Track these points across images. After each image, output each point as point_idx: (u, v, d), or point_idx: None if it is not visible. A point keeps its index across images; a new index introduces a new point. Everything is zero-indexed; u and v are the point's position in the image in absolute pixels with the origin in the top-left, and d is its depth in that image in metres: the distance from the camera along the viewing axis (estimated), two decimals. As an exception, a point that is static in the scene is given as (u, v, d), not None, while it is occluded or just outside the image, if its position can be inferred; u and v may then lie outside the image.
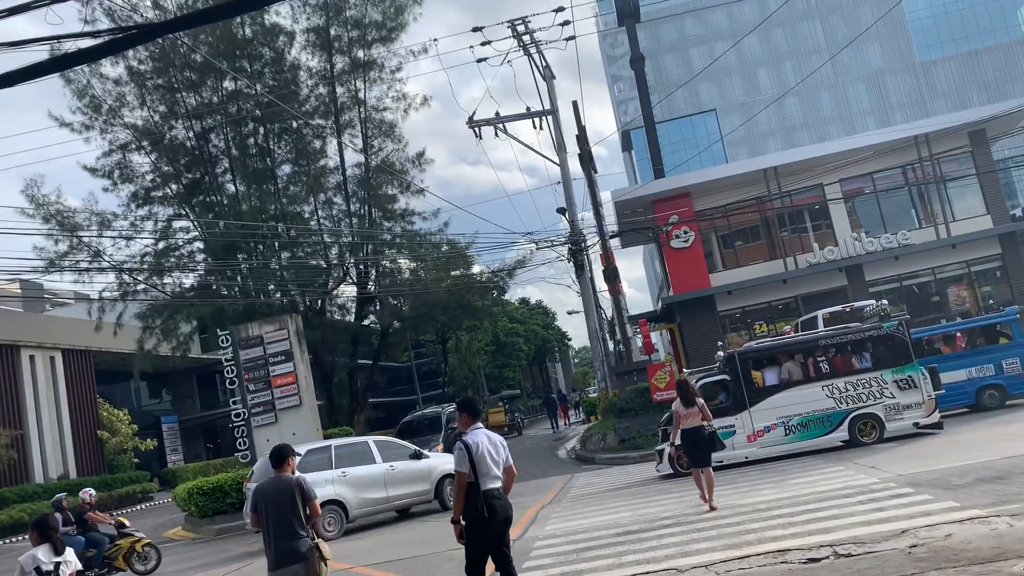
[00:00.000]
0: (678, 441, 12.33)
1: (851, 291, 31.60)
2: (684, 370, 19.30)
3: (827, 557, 7.59)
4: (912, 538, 7.74)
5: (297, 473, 7.39)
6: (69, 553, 6.67)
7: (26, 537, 19.72)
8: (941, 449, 13.54)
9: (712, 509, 11.09)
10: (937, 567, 6.61)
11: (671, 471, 15.72)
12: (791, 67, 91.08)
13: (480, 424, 7.19)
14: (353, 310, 31.48)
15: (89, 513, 14.96)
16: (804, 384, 15.76)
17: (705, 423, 11.80)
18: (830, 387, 15.55)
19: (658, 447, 16.56)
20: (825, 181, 32.54)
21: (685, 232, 32.81)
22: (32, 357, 36.29)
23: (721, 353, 17.04)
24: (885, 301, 18.36)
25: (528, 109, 25.64)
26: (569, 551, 10.05)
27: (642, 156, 74.51)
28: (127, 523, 13.87)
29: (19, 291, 42.36)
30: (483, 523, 6.78)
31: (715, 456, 13.09)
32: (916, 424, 15.40)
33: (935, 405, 15.55)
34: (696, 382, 15.61)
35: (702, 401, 12.17)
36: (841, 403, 15.49)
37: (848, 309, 26.06)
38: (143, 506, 35.75)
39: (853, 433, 15.42)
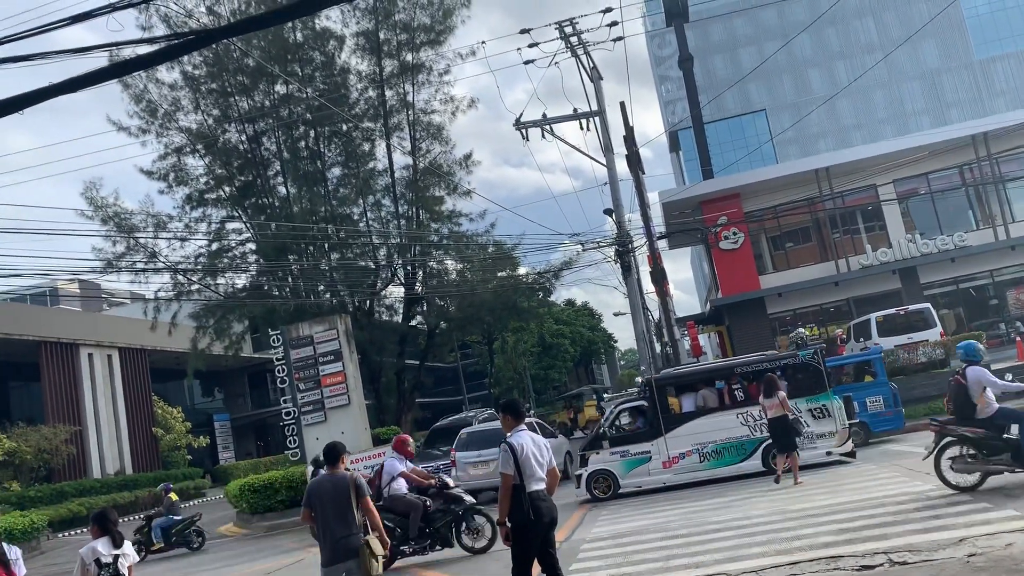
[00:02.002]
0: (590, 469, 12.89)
1: (905, 294, 30.96)
2: (605, 394, 19.81)
3: (881, 564, 7.44)
4: (970, 547, 7.55)
5: (351, 471, 7.49)
6: (127, 546, 6.83)
7: (85, 530, 20.30)
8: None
9: (798, 483, 13.09)
10: (997, 577, 6.44)
11: (588, 496, 15.85)
12: (843, 66, 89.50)
13: (523, 426, 7.17)
14: (401, 311, 31.71)
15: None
16: (719, 411, 15.73)
17: (788, 413, 13.52)
18: (745, 415, 15.42)
19: (576, 472, 16.64)
20: (878, 182, 31.94)
21: (734, 233, 32.45)
22: (90, 355, 37.29)
23: (639, 380, 16.95)
24: (802, 329, 18.35)
25: (575, 110, 25.56)
26: (616, 554, 10.01)
27: (690, 157, 73.86)
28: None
29: (78, 291, 43.60)
30: (529, 525, 6.78)
31: (632, 482, 15.44)
32: (828, 453, 15.29)
33: (849, 434, 15.39)
34: (615, 408, 16.33)
35: (783, 394, 13.76)
36: (755, 431, 15.30)
37: (903, 312, 25.57)
38: (196, 502, 36.48)
39: (766, 461, 15.23)
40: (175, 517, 19.34)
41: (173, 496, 20.14)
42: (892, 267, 31.41)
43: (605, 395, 18.90)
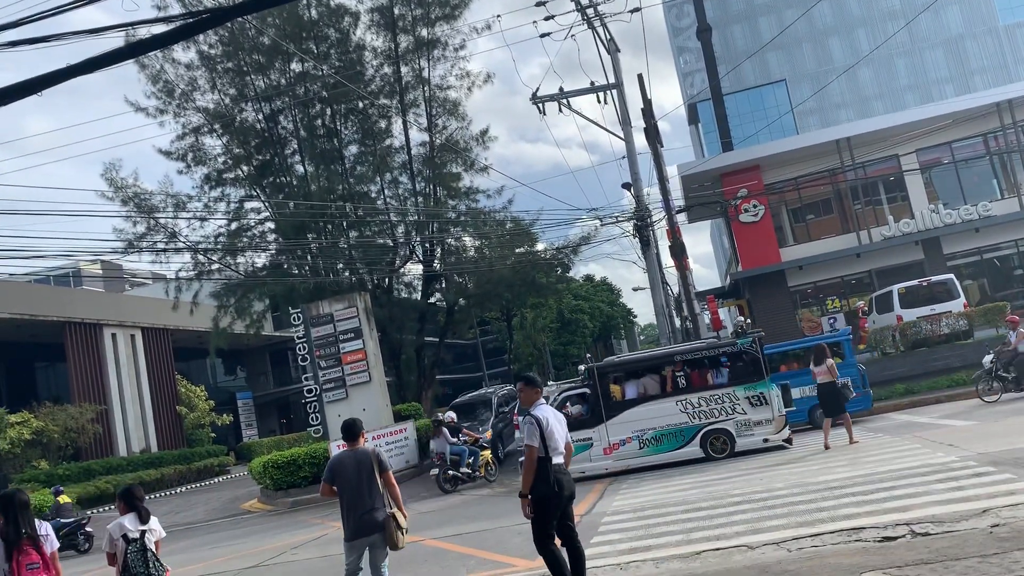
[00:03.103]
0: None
1: (928, 265, 30.63)
2: (550, 382, 20.27)
3: (904, 536, 7.42)
4: (994, 518, 7.51)
5: (372, 445, 7.56)
6: (154, 522, 6.94)
7: (113, 507, 20.62)
8: (1024, 427, 13.07)
9: (855, 441, 14.26)
10: (1021, 547, 6.39)
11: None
12: (865, 34, 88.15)
13: (543, 399, 7.21)
14: (419, 288, 31.78)
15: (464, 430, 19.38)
16: (659, 399, 15.93)
17: (833, 379, 14.57)
18: (684, 402, 15.73)
19: (521, 458, 16.71)
20: (901, 151, 31.49)
21: (754, 206, 32.18)
22: (114, 335, 37.72)
23: (583, 367, 17.17)
24: (741, 318, 18.41)
25: (592, 84, 25.35)
26: (637, 527, 10.05)
27: (709, 129, 73.18)
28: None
29: (100, 272, 44.03)
30: (552, 497, 6.81)
31: (573, 468, 14.15)
32: (765, 440, 15.45)
33: (785, 422, 15.60)
34: (560, 394, 16.67)
35: (831, 361, 14.79)
36: (694, 418, 15.65)
37: (925, 283, 25.33)
38: (220, 479, 36.99)
39: (705, 447, 15.54)
40: (63, 520, 19.20)
41: (63, 499, 20.32)
42: (915, 238, 31.04)
43: (550, 382, 19.20)
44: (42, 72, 7.20)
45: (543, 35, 25.41)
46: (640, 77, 26.68)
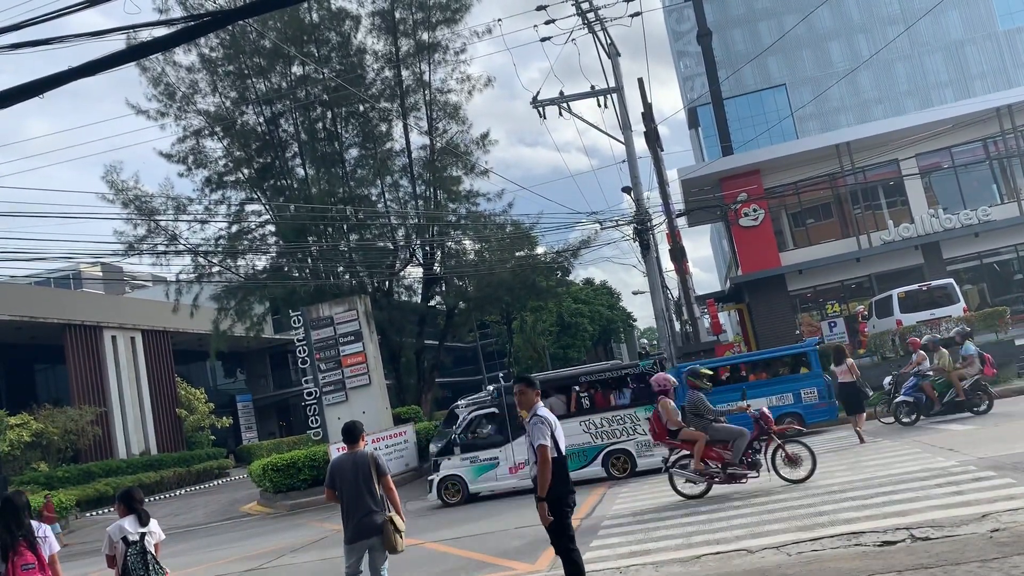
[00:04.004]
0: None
1: (927, 270, 30.65)
2: (459, 402, 20.36)
3: (903, 540, 7.42)
4: (994, 522, 7.50)
5: (371, 448, 7.56)
6: (153, 524, 6.94)
7: (112, 509, 20.61)
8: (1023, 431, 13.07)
9: (861, 442, 14.55)
10: (1020, 552, 6.40)
11: (440, 501, 16.48)
12: (865, 39, 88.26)
13: (541, 401, 7.11)
14: (420, 291, 31.81)
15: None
16: (564, 419, 15.83)
17: (855, 379, 15.13)
18: (587, 422, 15.94)
19: (429, 477, 17.06)
20: (900, 156, 31.52)
21: (754, 210, 32.19)
22: (114, 337, 37.72)
23: (491, 387, 17.41)
24: (644, 340, 18.47)
25: (592, 88, 25.37)
26: (637, 530, 10.05)
27: (709, 133, 73.27)
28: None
29: (101, 274, 44.05)
30: (569, 495, 6.64)
31: (480, 487, 16.28)
32: (664, 460, 15.08)
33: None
34: (468, 414, 16.86)
35: (851, 361, 15.53)
36: (597, 438, 15.88)
37: (925, 288, 25.33)
38: (219, 481, 36.98)
39: (607, 467, 15.78)
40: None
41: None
42: (914, 242, 31.05)
43: (461, 401, 19.59)
44: (44, 75, 7.22)
45: (543, 39, 25.45)
46: (640, 81, 26.73)
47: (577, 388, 16.45)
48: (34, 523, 6.60)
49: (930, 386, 16.47)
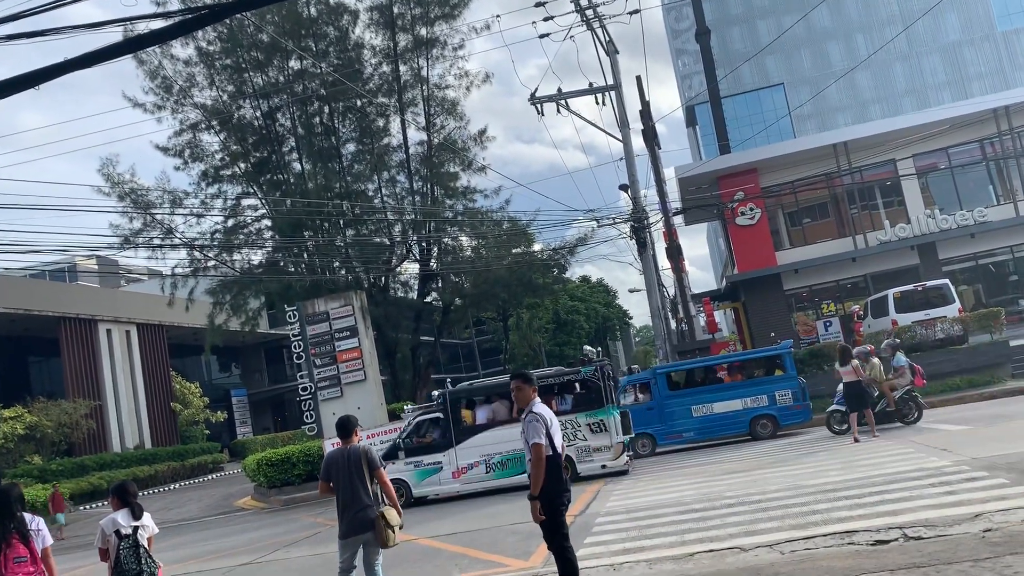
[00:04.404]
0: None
1: (923, 270, 30.71)
2: (406, 406, 20.58)
3: (896, 539, 7.43)
4: (986, 522, 7.52)
5: (364, 443, 7.55)
6: (147, 518, 6.92)
7: (106, 503, 20.59)
8: (1019, 433, 13.10)
9: (875, 436, 15.04)
10: (1013, 552, 6.41)
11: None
12: (863, 39, 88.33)
13: (538, 397, 7.03)
14: (416, 287, 31.76)
15: None
16: (507, 424, 16.23)
17: (859, 378, 15.39)
18: None
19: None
20: (897, 156, 31.57)
21: (751, 209, 32.23)
22: (109, 331, 37.65)
23: (435, 393, 17.66)
24: (588, 347, 18.84)
25: (591, 85, 25.39)
26: (631, 527, 10.05)
27: (707, 132, 73.27)
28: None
29: (96, 267, 43.97)
30: (564, 494, 6.57)
31: (424, 491, 16.61)
32: (603, 466, 15.96)
33: (623, 449, 16.10)
34: (413, 419, 17.22)
35: (856, 362, 15.60)
36: None
37: (921, 288, 25.39)
38: (214, 476, 36.95)
39: None
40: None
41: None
42: (910, 243, 31.11)
43: (407, 406, 19.88)
44: (40, 66, 7.19)
45: (542, 36, 25.45)
46: (638, 79, 26.75)
47: None
48: (27, 516, 6.59)
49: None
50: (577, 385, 16.60)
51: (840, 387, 16.50)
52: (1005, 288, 32.20)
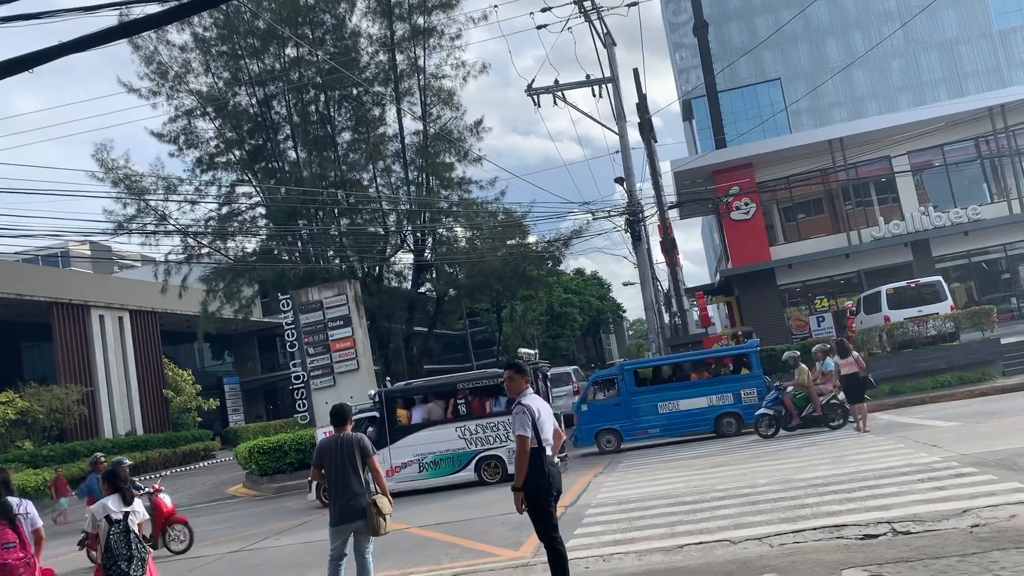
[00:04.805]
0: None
1: (917, 267, 30.81)
2: (348, 401, 20.80)
3: (885, 534, 7.48)
4: (974, 518, 7.57)
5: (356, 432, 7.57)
6: (137, 504, 6.92)
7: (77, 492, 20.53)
8: (1008, 430, 13.16)
9: (866, 431, 15.18)
10: (1000, 547, 6.46)
11: (319, 503, 16.58)
12: (860, 35, 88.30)
13: (530, 388, 7.00)
14: (410, 277, 31.72)
15: None
16: (440, 425, 16.67)
17: (859, 370, 15.59)
18: (463, 429, 16.50)
19: (308, 478, 17.29)
20: (893, 153, 31.65)
21: (746, 204, 32.27)
22: (101, 317, 37.52)
23: (372, 391, 17.90)
24: (528, 350, 18.99)
25: (588, 77, 25.33)
26: (621, 519, 10.09)
27: (703, 126, 73.26)
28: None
29: (89, 253, 43.81)
30: (547, 488, 6.54)
31: None
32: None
33: (558, 447, 15.98)
34: (352, 416, 16.62)
35: (856, 354, 15.95)
36: (471, 444, 16.47)
37: (913, 285, 25.47)
38: (205, 463, 36.93)
39: (479, 473, 16.38)
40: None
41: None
42: (904, 239, 31.19)
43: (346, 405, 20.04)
44: (34, 49, 7.15)
45: (539, 27, 25.39)
46: (636, 72, 26.71)
47: (455, 395, 16.94)
48: (14, 500, 6.58)
49: (790, 400, 16.86)
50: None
51: (771, 391, 17.02)
52: (998, 286, 32.33)
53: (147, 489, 13.99)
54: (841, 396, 16.36)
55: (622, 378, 19.32)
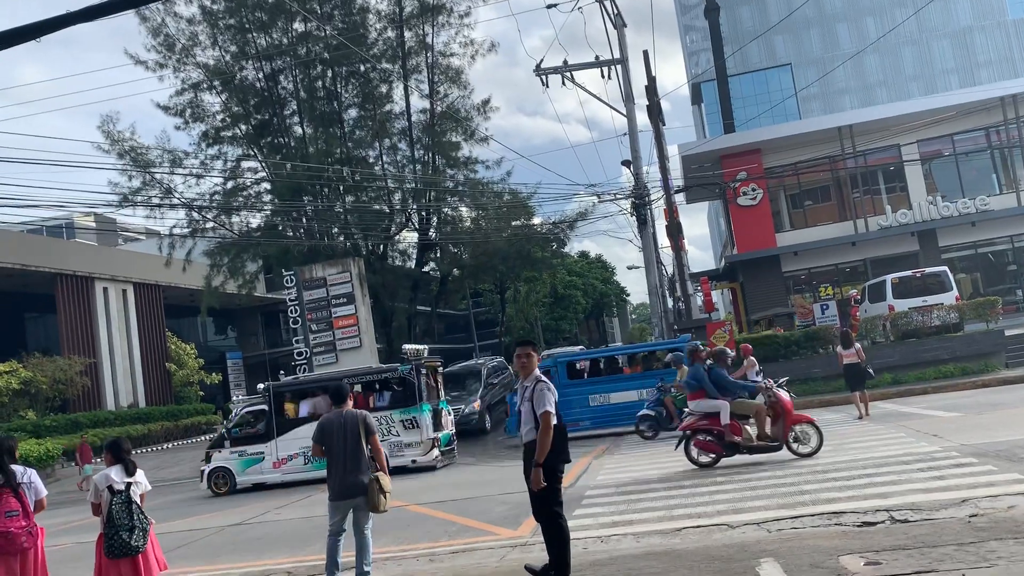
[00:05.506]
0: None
1: (923, 256, 30.71)
2: (235, 396, 21.03)
3: (883, 521, 7.49)
4: (972, 508, 7.58)
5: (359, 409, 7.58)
6: (140, 475, 6.96)
7: (99, 460, 20.71)
8: (1009, 421, 13.16)
9: (867, 416, 15.69)
10: (997, 537, 6.46)
11: (210, 492, 17.29)
12: (873, 22, 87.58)
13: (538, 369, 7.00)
14: (414, 256, 31.70)
15: None
16: None
17: (860, 361, 16.19)
18: None
19: (202, 468, 17.92)
20: (902, 142, 31.46)
21: (753, 189, 32.14)
22: (105, 289, 37.57)
23: (261, 385, 18.28)
24: (408, 346, 18.99)
25: (597, 58, 25.16)
26: (620, 501, 10.12)
27: (712, 110, 72.84)
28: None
29: (94, 224, 43.83)
30: (561, 465, 6.60)
31: (247, 479, 17.31)
32: (413, 461, 16.61)
33: (432, 445, 16.74)
34: (240, 409, 18.12)
35: (858, 345, 16.70)
36: None
37: (919, 275, 25.39)
38: (207, 437, 37.07)
39: None
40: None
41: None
42: (911, 229, 31.07)
43: (235, 397, 20.67)
44: (40, 18, 7.11)
45: (549, 6, 25.18)
46: (645, 54, 26.51)
47: None
48: (18, 468, 6.61)
49: (671, 401, 16.93)
50: (394, 382, 17.14)
51: (652, 391, 17.24)
52: (1003, 277, 32.23)
53: (768, 382, 12.41)
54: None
55: (555, 369, 19.41)
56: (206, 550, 10.87)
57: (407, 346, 18.35)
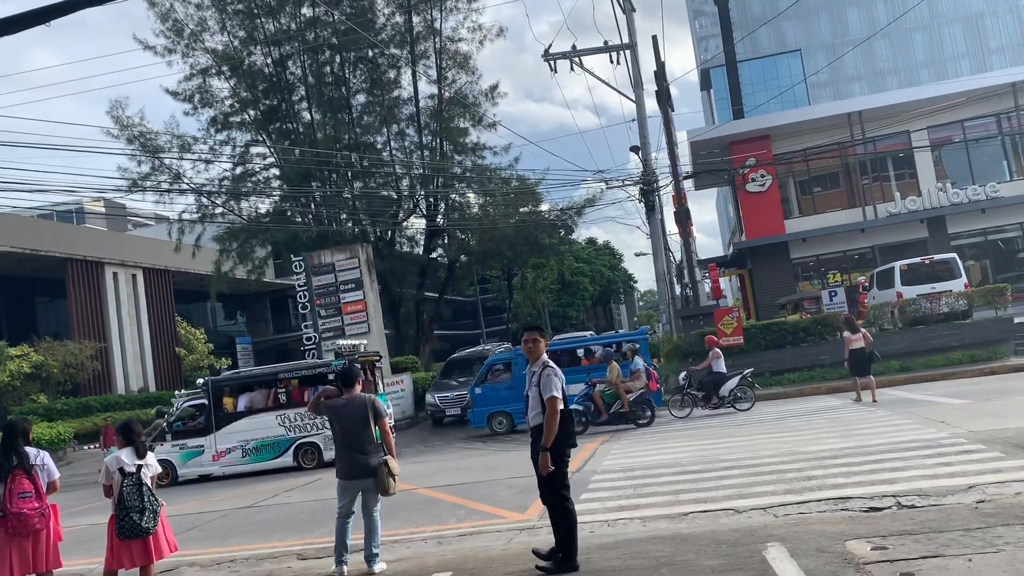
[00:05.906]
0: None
1: (932, 243, 30.57)
2: (176, 392, 21.35)
3: (890, 507, 7.51)
4: (979, 494, 7.59)
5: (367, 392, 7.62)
6: (150, 457, 7.03)
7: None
8: (1017, 408, 13.14)
9: (875, 402, 15.81)
10: (1005, 523, 6.48)
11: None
12: (883, 7, 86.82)
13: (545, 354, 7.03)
14: (422, 242, 31.74)
15: None
16: (263, 412, 17.47)
17: (865, 346, 16.47)
18: (283, 417, 17.40)
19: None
20: (912, 128, 31.24)
21: (762, 176, 32.01)
22: (115, 274, 37.74)
23: (201, 380, 18.56)
24: (342, 342, 19.04)
25: (605, 43, 25.05)
26: (627, 486, 10.17)
27: (721, 96, 72.41)
28: None
29: (104, 209, 43.98)
30: (568, 449, 6.64)
31: (188, 472, 17.68)
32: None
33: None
34: (181, 403, 18.43)
35: (864, 331, 17.01)
36: (290, 431, 17.36)
37: (928, 261, 25.28)
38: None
39: (297, 459, 17.25)
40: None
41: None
42: (920, 216, 30.92)
43: (177, 392, 21.08)
44: (51, 2, 7.13)
45: (558, -9, 25.03)
46: (654, 39, 26.37)
47: (277, 385, 17.73)
48: (31, 450, 6.69)
49: (599, 396, 17.06)
50: (330, 377, 17.10)
51: (584, 388, 17.26)
52: (1013, 265, 32.06)
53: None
54: (639, 391, 16.88)
55: (515, 361, 19.50)
56: (217, 532, 10.97)
57: (341, 341, 18.69)
